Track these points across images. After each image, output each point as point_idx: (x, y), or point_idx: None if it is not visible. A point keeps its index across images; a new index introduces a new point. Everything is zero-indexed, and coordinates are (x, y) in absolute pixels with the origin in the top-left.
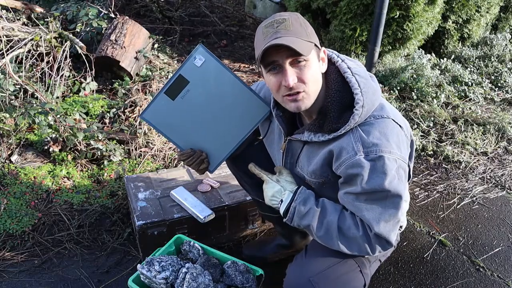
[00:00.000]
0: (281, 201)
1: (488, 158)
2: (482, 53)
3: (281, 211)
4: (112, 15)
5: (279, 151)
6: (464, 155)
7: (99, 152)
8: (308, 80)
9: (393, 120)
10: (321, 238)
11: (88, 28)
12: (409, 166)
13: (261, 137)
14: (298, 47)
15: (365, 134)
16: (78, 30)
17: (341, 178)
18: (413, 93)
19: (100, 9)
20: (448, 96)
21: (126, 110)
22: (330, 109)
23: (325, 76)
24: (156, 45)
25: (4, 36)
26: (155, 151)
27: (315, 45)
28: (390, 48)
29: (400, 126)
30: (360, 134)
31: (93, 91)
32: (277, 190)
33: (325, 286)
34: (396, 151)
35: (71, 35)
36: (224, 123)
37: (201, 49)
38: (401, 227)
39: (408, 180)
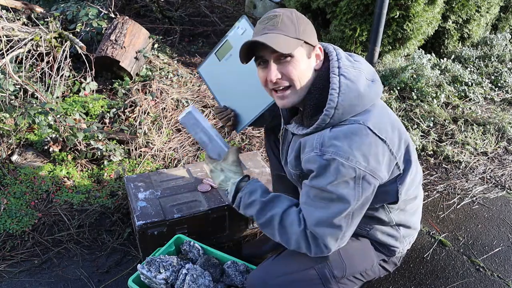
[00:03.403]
0: (227, 190)
1: (488, 158)
2: (482, 53)
3: (228, 198)
4: (112, 15)
5: (278, 137)
6: (464, 155)
7: (99, 152)
8: (292, 76)
9: (371, 129)
10: (263, 228)
11: (88, 28)
12: (397, 187)
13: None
14: (277, 44)
15: (330, 133)
16: (78, 30)
17: None
18: (413, 93)
19: (100, 9)
20: (448, 96)
21: (126, 110)
22: (307, 105)
23: (317, 72)
24: (156, 45)
25: (4, 36)
26: (155, 151)
27: (306, 42)
28: (390, 48)
29: (381, 138)
30: (325, 134)
31: (93, 91)
32: (222, 180)
33: None
34: (358, 160)
35: (71, 35)
36: (255, 90)
37: (244, 20)
38: (394, 251)
39: (396, 203)
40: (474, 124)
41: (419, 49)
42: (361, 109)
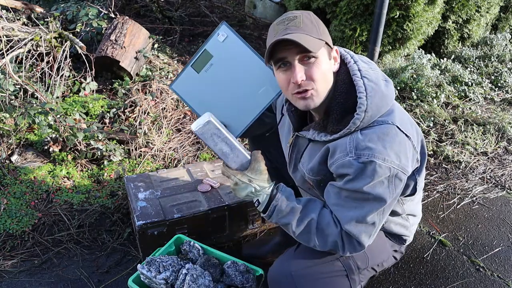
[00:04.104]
0: (257, 200)
1: (488, 158)
2: (482, 53)
3: (259, 209)
4: (112, 15)
5: (286, 145)
6: (464, 155)
7: (99, 152)
8: (317, 78)
9: (398, 127)
10: (298, 235)
11: (88, 28)
12: (416, 180)
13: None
14: (306, 43)
15: (362, 136)
16: (78, 30)
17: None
18: (413, 93)
19: (100, 9)
20: (448, 96)
21: (126, 110)
22: (333, 110)
23: (336, 76)
24: (156, 45)
25: (4, 36)
26: (155, 151)
27: (326, 43)
28: (390, 48)
29: (406, 135)
30: (357, 137)
31: (93, 91)
32: (251, 191)
33: (305, 283)
34: (393, 159)
35: (71, 35)
36: (243, 97)
37: (224, 26)
38: (405, 241)
39: (413, 194)
40: (474, 124)
41: (419, 49)
42: (386, 109)
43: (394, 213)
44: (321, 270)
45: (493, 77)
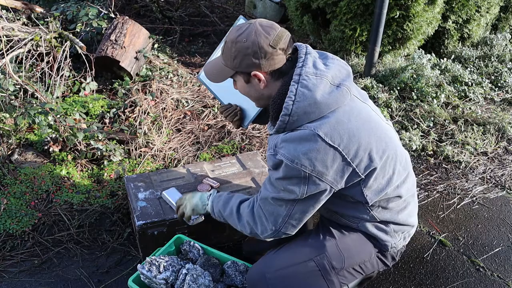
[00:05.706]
0: (208, 197)
1: (488, 158)
2: (482, 53)
3: (209, 209)
4: (112, 15)
5: None
6: (464, 155)
7: (99, 152)
8: (241, 92)
9: (321, 136)
10: (228, 220)
11: (88, 28)
12: (361, 190)
13: None
14: (210, 75)
15: (284, 137)
16: (78, 30)
17: None
18: (413, 93)
19: (100, 9)
20: (448, 96)
21: (126, 110)
22: (271, 109)
23: (282, 77)
24: (156, 45)
25: (4, 36)
26: (155, 151)
27: (241, 71)
28: (390, 48)
29: (332, 146)
30: (281, 136)
31: (93, 91)
32: (200, 197)
33: (278, 284)
34: (303, 163)
35: (71, 35)
36: None
37: (241, 19)
38: (386, 245)
39: (367, 203)
40: (474, 124)
41: (419, 49)
42: (317, 116)
43: (363, 219)
44: (294, 271)
45: (493, 77)
